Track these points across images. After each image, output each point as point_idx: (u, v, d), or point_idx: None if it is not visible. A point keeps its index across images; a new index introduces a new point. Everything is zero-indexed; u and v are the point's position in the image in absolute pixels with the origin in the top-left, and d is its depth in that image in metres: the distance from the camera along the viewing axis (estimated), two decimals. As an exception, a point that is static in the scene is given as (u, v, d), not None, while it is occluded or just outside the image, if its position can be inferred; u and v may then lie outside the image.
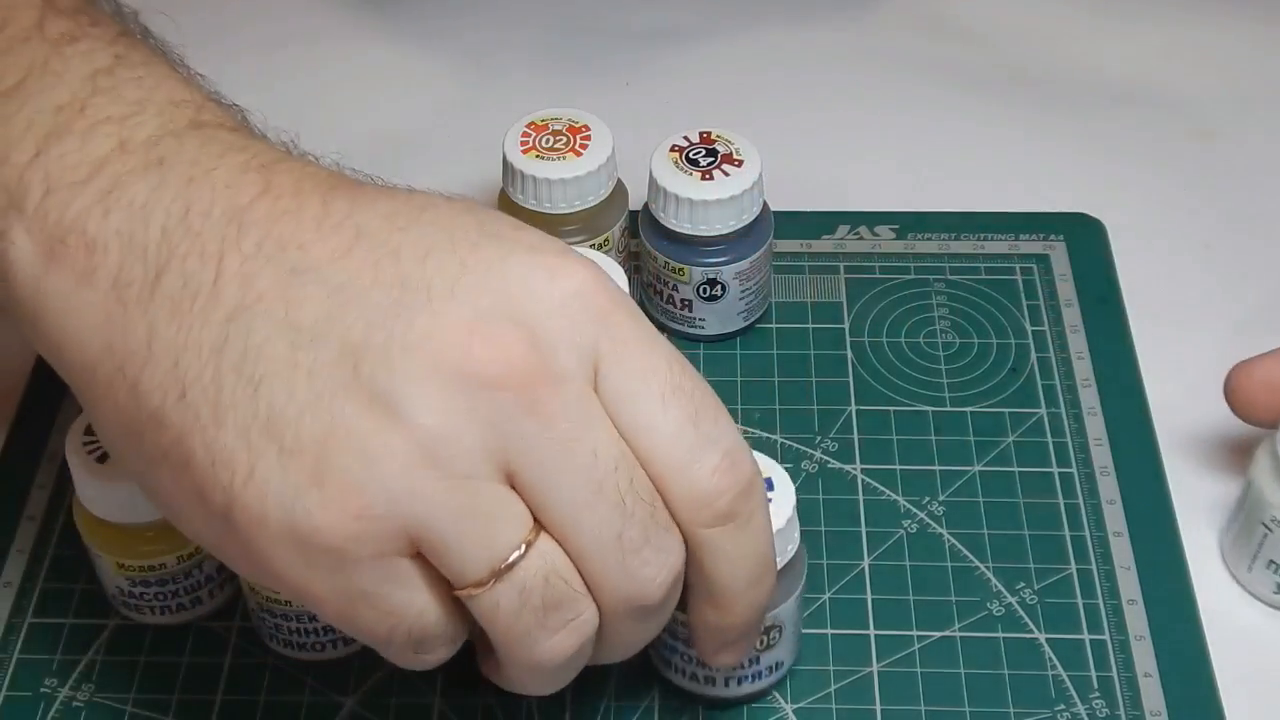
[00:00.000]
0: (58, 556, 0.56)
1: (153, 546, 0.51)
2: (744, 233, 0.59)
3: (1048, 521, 0.56)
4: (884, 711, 0.51)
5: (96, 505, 0.50)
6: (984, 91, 0.73)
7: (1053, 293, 0.64)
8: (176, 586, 0.52)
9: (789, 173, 0.66)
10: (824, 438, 0.59)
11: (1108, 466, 0.58)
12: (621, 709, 0.52)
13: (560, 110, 0.61)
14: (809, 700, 0.52)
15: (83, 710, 0.52)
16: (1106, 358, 0.61)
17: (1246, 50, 0.75)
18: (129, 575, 0.52)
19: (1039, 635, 0.53)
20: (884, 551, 0.56)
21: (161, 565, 0.51)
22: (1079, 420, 0.59)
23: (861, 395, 0.60)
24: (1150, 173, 0.69)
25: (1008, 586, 0.54)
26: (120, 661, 0.53)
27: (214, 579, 0.53)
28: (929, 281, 0.64)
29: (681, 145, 0.59)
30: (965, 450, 0.58)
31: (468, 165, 0.69)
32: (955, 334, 0.62)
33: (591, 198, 0.59)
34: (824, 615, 0.54)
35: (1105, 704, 0.51)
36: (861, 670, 0.52)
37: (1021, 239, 0.66)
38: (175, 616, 0.53)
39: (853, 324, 0.63)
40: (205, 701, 0.52)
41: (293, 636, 0.52)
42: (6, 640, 0.54)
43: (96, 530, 0.51)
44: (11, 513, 0.57)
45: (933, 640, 0.53)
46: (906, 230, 0.66)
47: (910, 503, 0.57)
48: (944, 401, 0.60)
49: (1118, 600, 0.54)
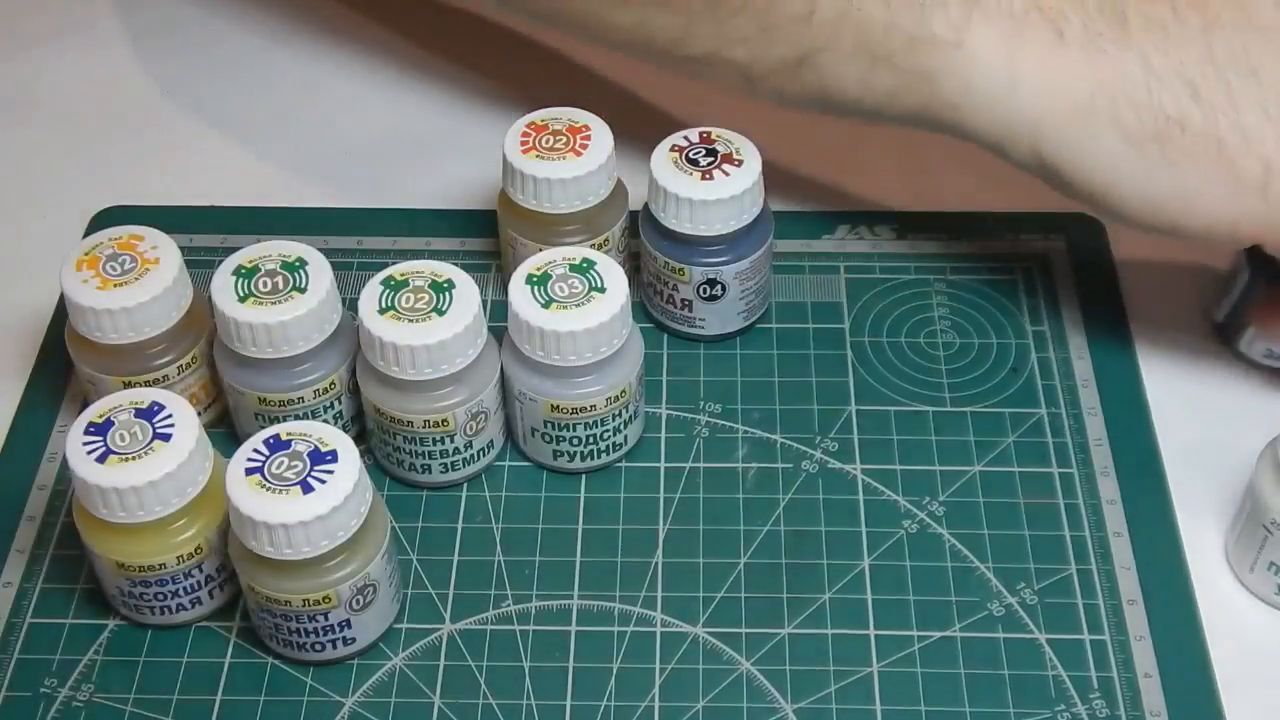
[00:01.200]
0: (58, 556, 0.56)
1: (152, 546, 0.51)
2: (744, 233, 0.59)
3: (1048, 521, 0.56)
4: (884, 711, 0.51)
5: (96, 506, 0.50)
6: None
7: (1053, 293, 0.64)
8: (176, 587, 0.52)
9: (789, 173, 0.66)
10: (824, 438, 0.59)
11: (1108, 466, 0.58)
12: (622, 709, 0.52)
13: (560, 110, 0.61)
14: (809, 700, 0.52)
15: (83, 710, 0.52)
16: (1106, 358, 0.61)
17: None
18: (129, 575, 0.52)
19: (1039, 635, 0.53)
20: (884, 551, 0.56)
21: (161, 565, 0.51)
22: (1079, 420, 0.59)
23: (861, 395, 0.60)
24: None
25: (1008, 586, 0.54)
26: (120, 661, 0.53)
27: (214, 579, 0.53)
28: (929, 281, 0.64)
29: (681, 145, 0.59)
30: (965, 450, 0.58)
31: (468, 165, 0.69)
32: (955, 334, 0.62)
33: (591, 198, 0.59)
34: (824, 615, 0.54)
35: (1105, 704, 0.51)
36: (861, 670, 0.52)
37: (1021, 239, 0.66)
38: (175, 617, 0.53)
39: (853, 324, 0.63)
40: (205, 701, 0.52)
41: (293, 637, 0.52)
42: (6, 640, 0.54)
43: (96, 530, 0.51)
44: (11, 513, 0.57)
45: (933, 640, 0.53)
46: (906, 230, 0.66)
47: (910, 503, 0.57)
48: (944, 401, 0.60)
49: (1118, 600, 0.54)
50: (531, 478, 0.58)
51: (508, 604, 0.54)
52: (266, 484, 0.49)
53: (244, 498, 0.49)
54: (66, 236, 0.66)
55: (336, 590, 0.50)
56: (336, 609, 0.51)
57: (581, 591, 0.55)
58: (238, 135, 0.72)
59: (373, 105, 0.74)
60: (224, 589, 0.54)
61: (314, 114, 0.73)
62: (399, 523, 0.56)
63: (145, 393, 0.52)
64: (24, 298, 0.64)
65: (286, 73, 0.75)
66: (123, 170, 0.70)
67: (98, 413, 0.51)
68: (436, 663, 0.53)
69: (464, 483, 0.57)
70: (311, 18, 0.78)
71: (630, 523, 0.57)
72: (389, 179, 0.70)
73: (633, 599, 0.54)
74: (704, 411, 0.60)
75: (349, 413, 0.58)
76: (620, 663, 0.53)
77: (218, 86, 0.75)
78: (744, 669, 0.53)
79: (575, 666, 0.53)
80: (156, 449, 0.50)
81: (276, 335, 0.54)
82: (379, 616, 0.52)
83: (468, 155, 0.70)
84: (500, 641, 0.53)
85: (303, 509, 0.48)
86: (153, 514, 0.50)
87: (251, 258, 0.55)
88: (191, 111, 0.73)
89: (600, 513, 0.57)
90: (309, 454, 0.50)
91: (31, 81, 0.75)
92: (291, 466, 0.49)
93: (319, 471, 0.49)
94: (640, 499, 0.57)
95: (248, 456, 0.50)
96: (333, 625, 0.51)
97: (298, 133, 0.73)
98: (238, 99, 0.74)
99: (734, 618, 0.54)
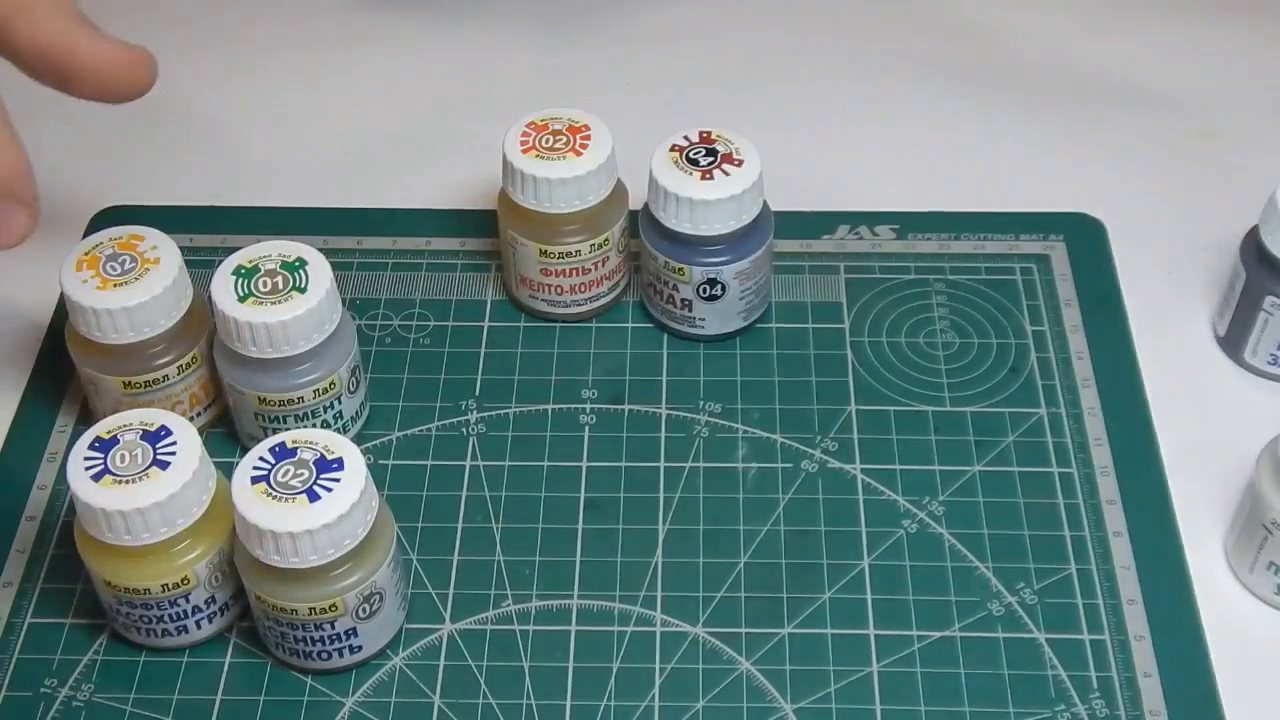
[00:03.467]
0: (57, 556, 0.56)
1: (138, 570, 0.51)
2: (744, 232, 0.59)
3: (1048, 521, 0.56)
4: (884, 711, 0.51)
5: (86, 521, 0.50)
6: (984, 91, 0.73)
7: (1053, 293, 0.64)
8: (161, 613, 0.52)
9: (789, 173, 0.66)
10: (824, 438, 0.59)
11: (1108, 466, 0.58)
12: (622, 709, 0.52)
13: (560, 110, 0.61)
14: (809, 700, 0.52)
15: (83, 710, 0.52)
16: (1106, 358, 0.61)
17: (1246, 50, 0.75)
18: (114, 594, 0.52)
19: (1039, 635, 0.53)
20: (884, 551, 0.56)
21: (145, 590, 0.51)
22: (1079, 420, 0.59)
23: (861, 395, 0.60)
24: (1150, 173, 0.69)
25: (1008, 586, 0.54)
26: (120, 661, 0.53)
27: (201, 610, 0.52)
28: (929, 281, 0.64)
29: (681, 145, 0.59)
30: (965, 450, 0.58)
31: (468, 165, 0.69)
32: (955, 334, 0.62)
33: (592, 197, 0.59)
34: (824, 615, 0.54)
35: (1105, 704, 0.51)
36: (861, 670, 0.52)
37: (1021, 239, 0.66)
38: (160, 641, 0.53)
39: (853, 324, 0.63)
40: (205, 701, 0.52)
41: (299, 645, 0.51)
42: (6, 640, 0.54)
43: (89, 544, 0.51)
44: (12, 513, 0.57)
45: (933, 640, 0.53)
46: (906, 230, 0.66)
47: (910, 503, 0.57)
48: (944, 401, 0.60)
49: (1118, 600, 0.54)
50: (532, 477, 0.58)
51: (508, 604, 0.54)
52: (272, 492, 0.49)
53: (250, 506, 0.49)
54: (66, 236, 0.66)
55: (343, 599, 0.50)
56: (343, 617, 0.51)
57: (581, 591, 0.55)
58: (238, 135, 0.72)
59: (373, 105, 0.74)
60: (213, 621, 0.53)
61: (314, 114, 0.74)
62: (398, 522, 0.56)
63: (156, 415, 0.51)
64: (24, 298, 0.64)
65: (286, 73, 0.75)
66: (123, 170, 0.70)
67: (106, 429, 0.51)
68: (436, 663, 0.53)
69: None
70: (312, 18, 0.78)
71: (630, 523, 0.57)
72: (389, 179, 0.70)
73: (633, 599, 0.54)
74: (704, 411, 0.60)
75: (349, 413, 0.58)
76: (620, 663, 0.53)
77: (218, 86, 0.75)
78: (744, 669, 0.53)
79: (575, 666, 0.53)
80: (152, 476, 0.49)
81: (276, 335, 0.54)
82: (385, 625, 0.52)
83: (468, 155, 0.70)
84: (500, 641, 0.53)
85: (309, 517, 0.48)
86: (139, 540, 0.50)
87: (251, 258, 0.55)
88: (192, 111, 0.73)
89: (600, 512, 0.57)
90: (315, 462, 0.50)
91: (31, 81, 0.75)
92: (298, 474, 0.49)
93: (325, 480, 0.49)
94: (640, 499, 0.57)
95: (254, 465, 0.50)
96: (339, 634, 0.51)
97: (298, 133, 0.73)
98: (238, 99, 0.74)
99: (734, 618, 0.54)
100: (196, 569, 0.51)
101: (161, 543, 0.50)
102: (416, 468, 0.58)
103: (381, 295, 0.64)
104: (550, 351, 0.62)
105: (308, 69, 0.75)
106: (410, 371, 0.61)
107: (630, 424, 0.60)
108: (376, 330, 0.63)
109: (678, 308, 0.61)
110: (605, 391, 0.61)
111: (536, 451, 0.59)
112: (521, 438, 0.59)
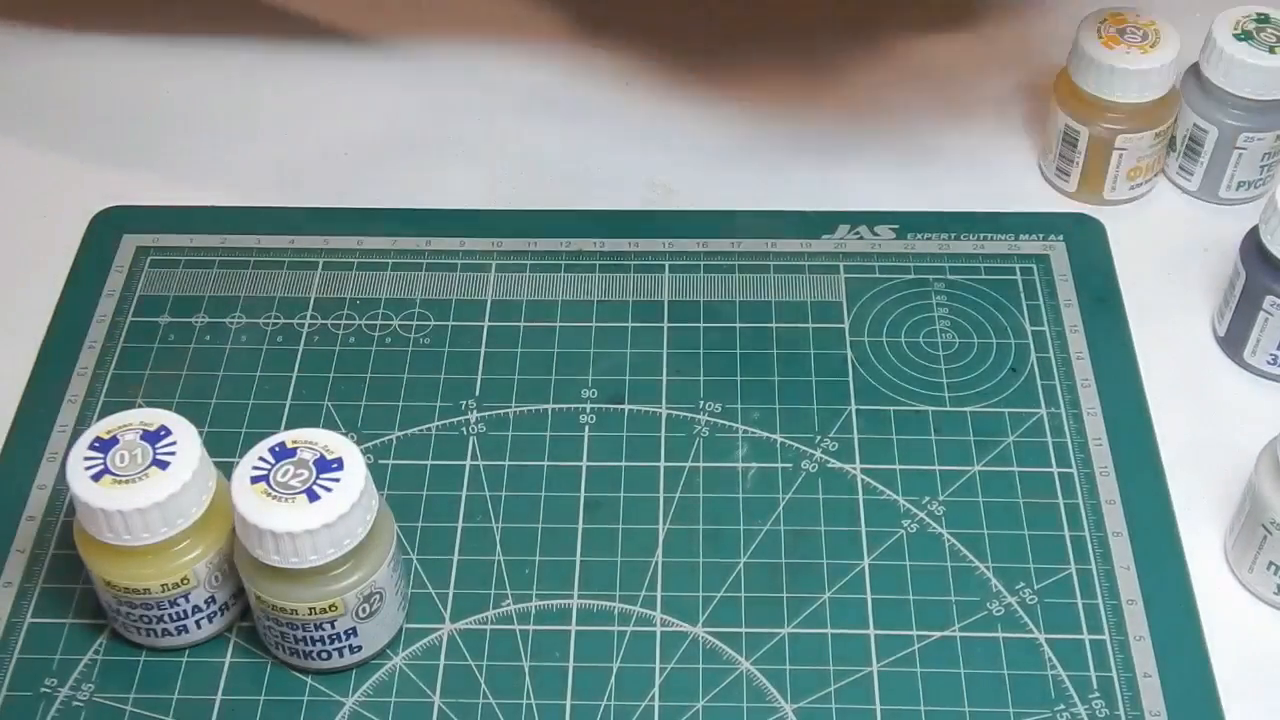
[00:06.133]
0: (58, 556, 0.56)
1: (138, 570, 0.51)
2: None
3: (1048, 521, 0.56)
4: (884, 711, 0.51)
5: (85, 521, 0.50)
6: (984, 91, 0.73)
7: (1053, 293, 0.64)
8: (161, 613, 0.52)
9: (789, 173, 0.66)
10: (824, 438, 0.59)
11: (1108, 466, 0.58)
12: (622, 709, 0.52)
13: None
14: (809, 700, 0.52)
15: (83, 710, 0.52)
16: (1106, 358, 0.61)
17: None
18: (114, 594, 0.52)
19: (1039, 635, 0.53)
20: (884, 551, 0.56)
21: (145, 590, 0.51)
22: (1079, 420, 0.59)
23: (861, 395, 0.60)
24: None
25: (1008, 586, 0.54)
26: (120, 661, 0.53)
27: (201, 610, 0.52)
28: (929, 281, 0.64)
29: None
30: (965, 450, 0.58)
31: (468, 165, 0.69)
32: (955, 334, 0.63)
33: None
34: (824, 615, 0.54)
35: (1105, 704, 0.51)
36: (861, 670, 0.52)
37: (1021, 239, 0.66)
38: (160, 641, 0.53)
39: (853, 324, 0.63)
40: (205, 701, 0.52)
41: (299, 645, 0.51)
42: (6, 640, 0.54)
43: (89, 544, 0.51)
44: (11, 513, 0.57)
45: (933, 640, 0.53)
46: (906, 230, 0.66)
47: (910, 503, 0.57)
48: (944, 401, 0.60)
49: (1118, 600, 0.54)
50: (532, 477, 0.58)
51: (508, 604, 0.54)
52: (272, 492, 0.49)
53: (250, 506, 0.49)
54: (67, 236, 0.66)
55: (343, 598, 0.50)
56: (343, 617, 0.51)
57: (581, 591, 0.55)
58: (238, 135, 0.72)
59: (373, 105, 0.74)
60: (213, 621, 0.53)
61: (314, 114, 0.73)
62: (398, 522, 0.56)
63: (156, 415, 0.51)
64: (24, 298, 0.64)
65: (286, 73, 0.75)
66: (123, 170, 0.70)
67: (106, 429, 0.51)
68: (436, 663, 0.53)
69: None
70: (312, 18, 0.78)
71: (630, 523, 0.57)
72: (389, 179, 0.70)
73: (633, 599, 0.54)
74: (704, 411, 0.60)
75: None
76: (620, 662, 0.53)
77: (218, 86, 0.75)
78: (744, 669, 0.53)
79: (575, 666, 0.53)
80: (152, 476, 0.49)
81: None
82: (385, 625, 0.52)
83: (468, 155, 0.70)
84: (500, 641, 0.53)
85: (309, 517, 0.48)
86: (139, 540, 0.50)
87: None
88: (191, 111, 0.73)
89: (600, 512, 0.57)
90: (315, 462, 0.49)
91: (32, 82, 0.75)
92: (297, 474, 0.49)
93: (325, 479, 0.49)
94: (640, 498, 0.57)
95: (253, 465, 0.50)
96: (339, 634, 0.51)
97: (298, 133, 0.73)
98: (238, 99, 0.74)
99: (734, 617, 0.54)
100: (196, 569, 0.51)
101: (161, 543, 0.50)
102: (416, 467, 0.58)
103: (381, 295, 0.64)
104: (550, 351, 0.62)
105: (308, 69, 0.75)
106: (410, 371, 0.61)
107: (630, 424, 0.60)
108: (376, 330, 0.63)
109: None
110: (605, 391, 0.61)
111: (536, 451, 0.59)
112: (521, 438, 0.59)
